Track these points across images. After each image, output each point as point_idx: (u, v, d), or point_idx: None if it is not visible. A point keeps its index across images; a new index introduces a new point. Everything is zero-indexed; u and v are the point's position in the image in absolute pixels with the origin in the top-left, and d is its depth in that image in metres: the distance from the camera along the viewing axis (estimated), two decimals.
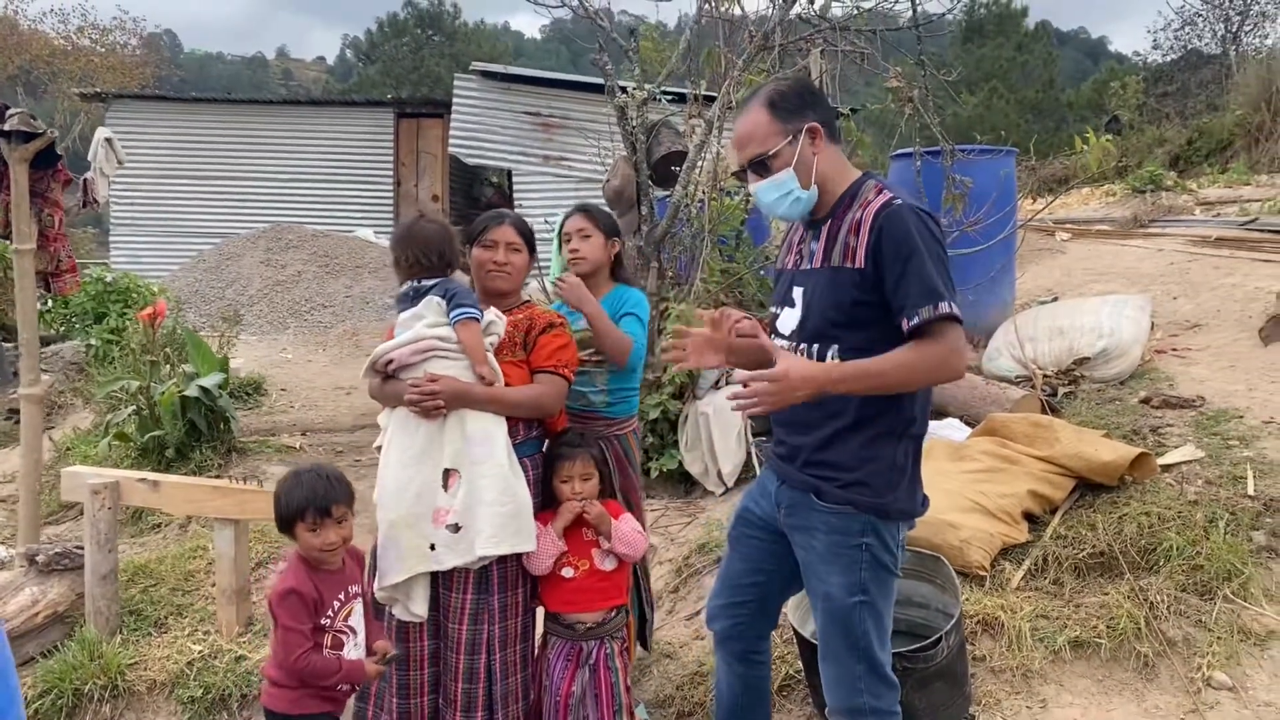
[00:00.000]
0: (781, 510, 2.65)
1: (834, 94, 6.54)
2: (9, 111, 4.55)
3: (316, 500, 2.68)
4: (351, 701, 3.00)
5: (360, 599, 2.81)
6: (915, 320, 2.31)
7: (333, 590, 2.71)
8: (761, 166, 2.51)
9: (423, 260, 3.04)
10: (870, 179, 2.52)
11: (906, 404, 2.47)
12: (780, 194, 2.51)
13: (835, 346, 2.44)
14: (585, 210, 3.57)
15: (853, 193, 2.49)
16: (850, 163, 2.63)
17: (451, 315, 2.98)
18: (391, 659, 2.86)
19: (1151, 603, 3.47)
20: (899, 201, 2.39)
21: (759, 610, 2.87)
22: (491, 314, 3.06)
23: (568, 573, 3.13)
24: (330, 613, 2.70)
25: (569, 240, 3.48)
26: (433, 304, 3.00)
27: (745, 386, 2.37)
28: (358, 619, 2.79)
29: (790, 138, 2.47)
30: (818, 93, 2.55)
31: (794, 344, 2.53)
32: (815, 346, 2.48)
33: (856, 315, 2.41)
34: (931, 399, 2.63)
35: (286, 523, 2.70)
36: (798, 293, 2.56)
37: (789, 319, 2.57)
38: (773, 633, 3.02)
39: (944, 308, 2.30)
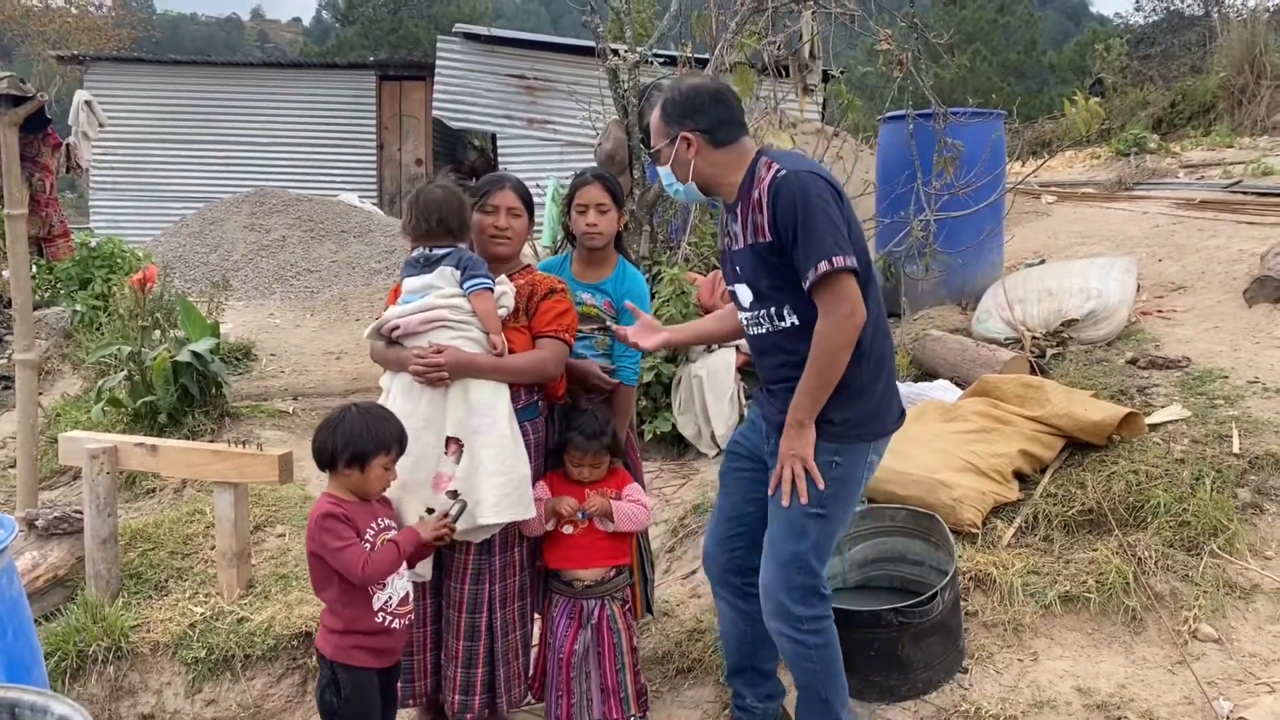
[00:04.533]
0: (769, 442, 2.82)
1: (823, 56, 6.54)
2: None
3: (403, 438, 2.81)
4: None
5: (394, 530, 2.87)
6: (809, 281, 2.51)
7: (364, 519, 2.77)
8: (654, 156, 2.86)
9: (423, 225, 3.04)
10: (762, 156, 2.71)
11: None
12: (667, 182, 2.85)
13: (788, 305, 2.66)
14: (603, 182, 3.41)
15: (751, 174, 2.69)
16: (821, 132, 2.75)
17: (466, 286, 2.99)
18: (458, 508, 2.90)
19: (1139, 558, 3.55)
20: (784, 171, 2.58)
21: (750, 541, 3.01)
22: (505, 286, 3.08)
23: (568, 529, 3.19)
24: (368, 538, 2.76)
25: (584, 211, 3.35)
26: (446, 274, 3.01)
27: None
28: None
29: (669, 140, 2.76)
30: (710, 99, 2.73)
31: (755, 313, 2.75)
32: (772, 309, 2.70)
33: (791, 278, 2.60)
34: (884, 317, 2.80)
35: (360, 457, 2.72)
36: (737, 270, 2.78)
37: (744, 294, 2.79)
38: None
39: (823, 266, 2.48)
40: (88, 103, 8.94)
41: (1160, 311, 6.12)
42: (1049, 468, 4.09)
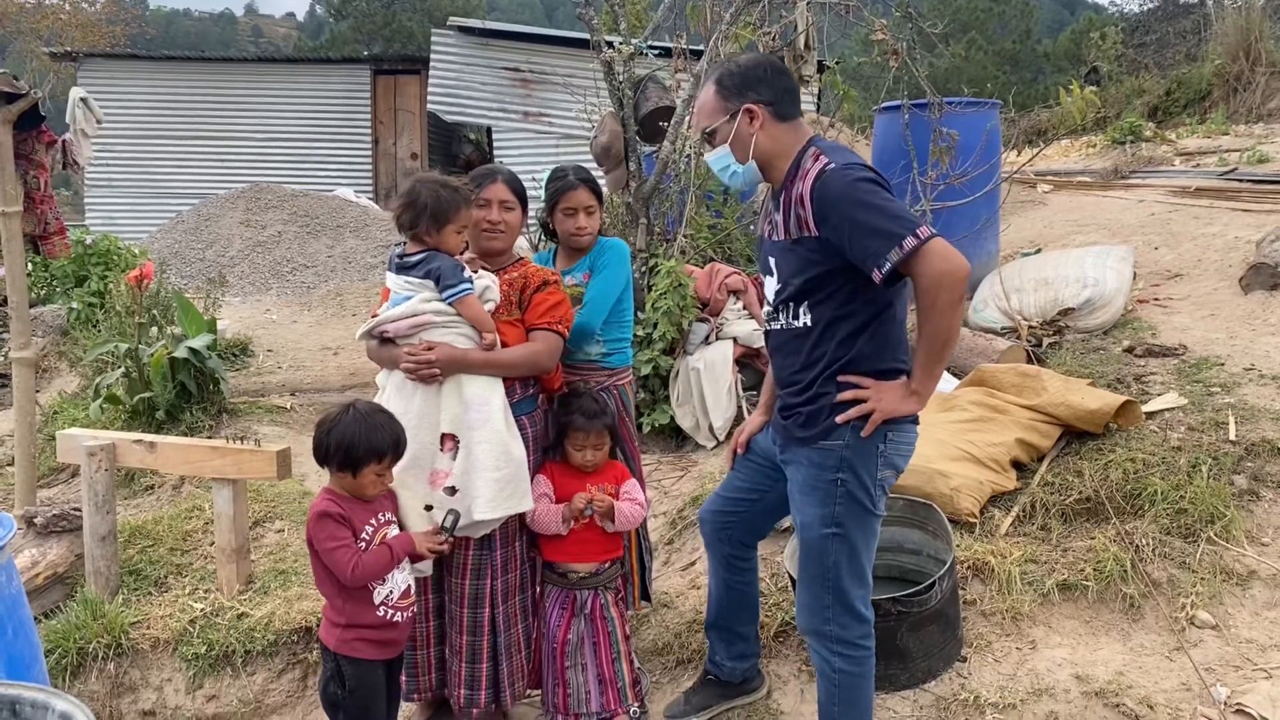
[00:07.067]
0: (778, 445, 2.83)
1: (818, 47, 6.53)
2: None
3: (400, 445, 2.79)
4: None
5: (394, 525, 2.87)
6: (887, 267, 2.36)
7: (362, 516, 2.77)
8: (708, 138, 2.71)
9: (406, 217, 2.99)
10: (811, 145, 2.61)
11: (851, 343, 2.57)
12: (720, 166, 2.71)
13: (806, 304, 2.59)
14: (589, 184, 3.43)
15: (797, 163, 2.59)
16: (817, 123, 2.71)
17: (445, 296, 2.95)
18: (450, 527, 2.89)
19: (1137, 546, 3.57)
20: (831, 166, 2.48)
21: (745, 522, 3.09)
22: (485, 279, 3.07)
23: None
24: (365, 535, 2.76)
25: (573, 215, 3.38)
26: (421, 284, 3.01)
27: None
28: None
29: (729, 116, 2.63)
30: (771, 71, 2.65)
31: (775, 308, 2.70)
32: (791, 304, 2.63)
33: (824, 278, 2.54)
34: (885, 331, 2.63)
35: (351, 462, 2.71)
36: (771, 263, 2.71)
37: (770, 286, 2.73)
38: (759, 543, 3.24)
39: (908, 243, 2.34)
40: (83, 99, 8.91)
41: (1157, 300, 6.13)
42: (1046, 457, 4.10)
